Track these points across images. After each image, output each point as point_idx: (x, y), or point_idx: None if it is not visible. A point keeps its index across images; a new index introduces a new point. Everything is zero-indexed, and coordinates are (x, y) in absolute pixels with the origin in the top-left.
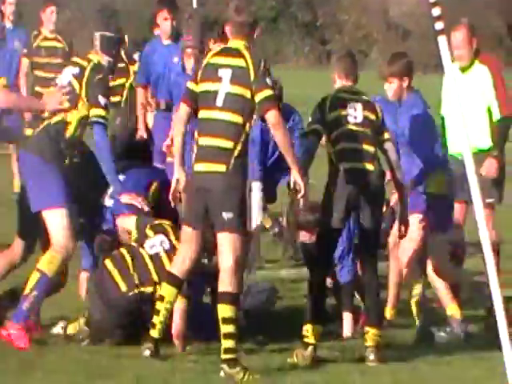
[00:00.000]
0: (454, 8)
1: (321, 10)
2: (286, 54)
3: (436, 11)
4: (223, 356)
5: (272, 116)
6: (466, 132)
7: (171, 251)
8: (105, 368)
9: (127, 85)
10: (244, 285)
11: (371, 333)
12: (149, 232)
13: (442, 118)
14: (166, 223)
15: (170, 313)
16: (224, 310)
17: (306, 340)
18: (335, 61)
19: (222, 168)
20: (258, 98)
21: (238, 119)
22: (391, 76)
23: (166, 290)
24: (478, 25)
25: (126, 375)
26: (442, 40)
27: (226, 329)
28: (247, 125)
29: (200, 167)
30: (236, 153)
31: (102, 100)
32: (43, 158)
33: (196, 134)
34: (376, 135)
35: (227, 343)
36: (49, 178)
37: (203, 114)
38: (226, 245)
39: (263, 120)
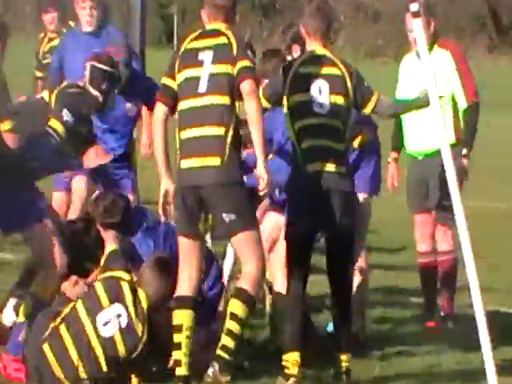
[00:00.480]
0: None
1: None
2: None
3: None
4: (219, 352)
5: (247, 84)
6: (443, 122)
7: (127, 328)
8: None
9: None
10: None
11: (342, 359)
12: (103, 296)
13: (399, 119)
14: (124, 279)
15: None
16: (235, 306)
17: (287, 372)
18: (304, 17)
19: (215, 161)
20: (236, 68)
21: (226, 100)
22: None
23: (181, 317)
24: (458, 6)
25: None
26: (417, 24)
27: (231, 325)
28: (236, 105)
29: (188, 163)
30: (229, 140)
31: (65, 115)
32: None
33: (177, 129)
34: (347, 121)
35: (227, 341)
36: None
37: (184, 104)
38: (241, 246)
39: (239, 94)
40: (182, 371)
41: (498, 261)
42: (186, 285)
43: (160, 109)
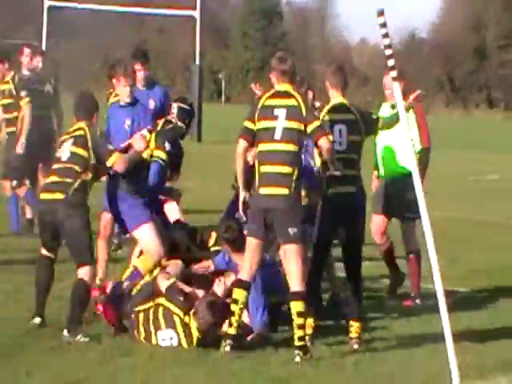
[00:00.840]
0: (405, 60)
1: (297, 61)
2: None
3: (391, 62)
4: (297, 343)
5: (324, 141)
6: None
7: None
8: (123, 347)
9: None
10: None
11: (355, 326)
12: (161, 320)
13: (375, 144)
14: (178, 314)
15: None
16: (298, 306)
17: None
18: (327, 74)
19: (285, 191)
20: (310, 128)
21: (295, 148)
22: None
23: (238, 294)
24: (424, 73)
25: (142, 353)
26: (396, 86)
27: (299, 321)
28: (300, 151)
29: (265, 191)
30: (295, 177)
31: (167, 145)
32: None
33: (257, 163)
34: (360, 152)
35: (300, 332)
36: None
37: (263, 146)
38: (293, 254)
39: (316, 145)
40: (232, 331)
41: (455, 255)
42: (246, 272)
43: (242, 145)
